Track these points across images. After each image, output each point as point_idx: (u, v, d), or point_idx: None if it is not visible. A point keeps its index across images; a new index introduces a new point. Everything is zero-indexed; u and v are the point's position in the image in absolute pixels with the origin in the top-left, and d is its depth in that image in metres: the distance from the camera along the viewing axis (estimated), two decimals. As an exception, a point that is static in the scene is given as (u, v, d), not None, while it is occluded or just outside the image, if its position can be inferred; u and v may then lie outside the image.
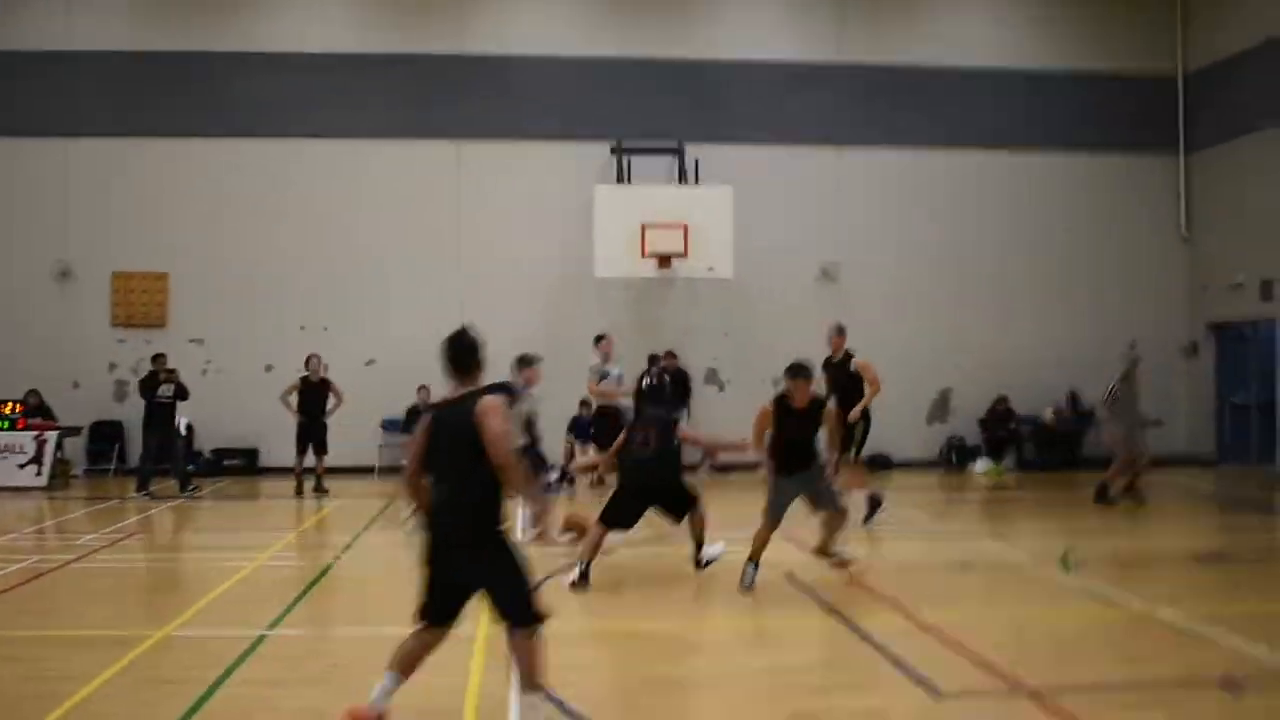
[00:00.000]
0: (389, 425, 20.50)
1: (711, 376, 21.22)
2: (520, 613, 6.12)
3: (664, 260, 19.68)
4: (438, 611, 6.22)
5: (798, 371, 10.14)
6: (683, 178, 21.14)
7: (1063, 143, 22.30)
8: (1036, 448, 21.62)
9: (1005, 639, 8.35)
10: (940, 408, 22.01)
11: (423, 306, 20.62)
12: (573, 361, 20.72)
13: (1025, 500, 18.01)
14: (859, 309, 21.26)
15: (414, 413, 20.03)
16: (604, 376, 17.19)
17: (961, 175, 22.04)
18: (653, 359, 20.08)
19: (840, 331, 14.26)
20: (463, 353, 6.30)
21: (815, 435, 10.33)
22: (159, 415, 17.84)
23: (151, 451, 17.84)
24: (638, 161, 21.16)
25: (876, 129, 21.84)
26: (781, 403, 10.21)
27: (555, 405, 19.62)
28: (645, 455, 10.75)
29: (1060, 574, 10.51)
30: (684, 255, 19.67)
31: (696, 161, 21.09)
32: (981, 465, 21.06)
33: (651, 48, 21.54)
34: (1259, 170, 20.66)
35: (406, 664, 6.24)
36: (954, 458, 21.67)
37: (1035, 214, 22.16)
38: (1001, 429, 21.48)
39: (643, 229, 19.54)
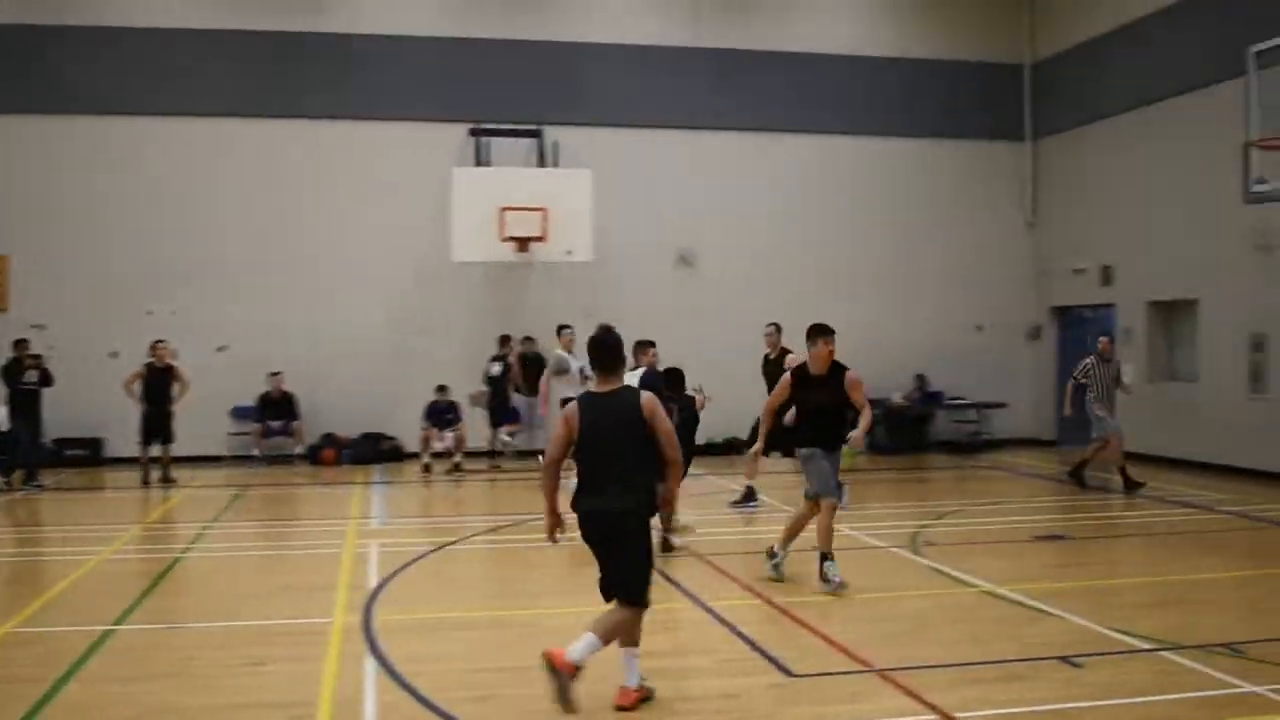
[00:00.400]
0: (239, 412, 20.01)
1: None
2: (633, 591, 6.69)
3: (523, 244, 19.55)
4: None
5: (820, 331, 9.70)
6: (542, 161, 21.05)
7: (914, 129, 22.73)
8: (887, 431, 22.11)
9: (856, 620, 8.55)
10: (787, 390, 22.28)
11: (275, 291, 20.21)
12: (431, 346, 20.64)
13: (878, 483, 18.41)
14: (716, 294, 21.55)
15: (267, 400, 19.65)
16: (564, 369, 17.01)
17: (816, 160, 22.29)
18: (504, 340, 20.05)
19: (777, 330, 14.43)
20: (609, 350, 6.83)
21: (843, 405, 9.82)
22: (24, 403, 17.15)
23: (23, 441, 17.17)
24: (497, 144, 20.97)
25: (734, 113, 21.96)
26: (800, 373, 9.81)
27: (414, 391, 19.56)
28: None
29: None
30: (543, 239, 19.57)
31: (556, 144, 21.02)
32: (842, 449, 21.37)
33: (511, 29, 21.28)
34: (1101, 157, 21.33)
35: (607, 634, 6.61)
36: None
37: (887, 199, 22.52)
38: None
39: (501, 212, 19.41)
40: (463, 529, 13.21)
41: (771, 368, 14.23)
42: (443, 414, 19.00)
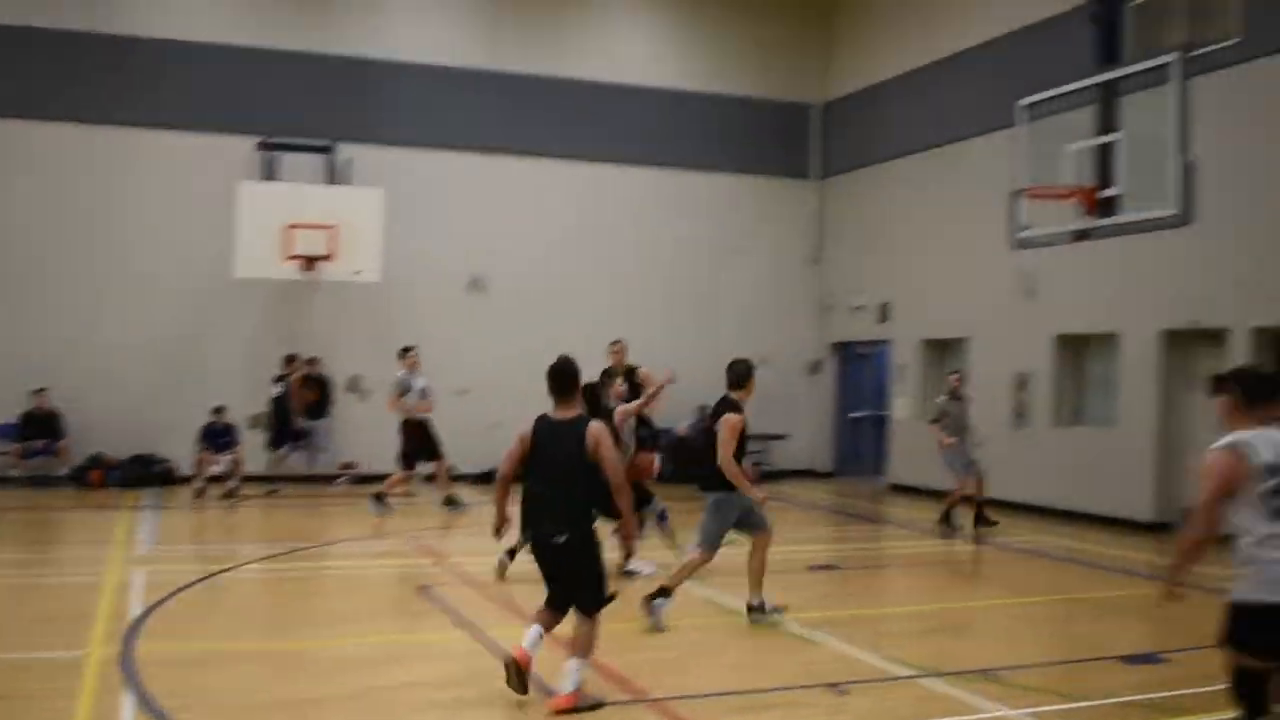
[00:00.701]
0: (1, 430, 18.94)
1: (354, 384, 20.79)
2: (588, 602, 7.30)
3: (309, 262, 19.14)
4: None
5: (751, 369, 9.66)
6: (333, 178, 20.66)
7: (708, 163, 23.17)
8: (672, 460, 22.35)
9: (632, 649, 8.60)
10: (582, 420, 22.36)
11: (43, 303, 19.23)
12: (209, 365, 19.96)
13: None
14: (508, 319, 21.48)
15: (29, 418, 18.63)
16: (406, 390, 16.72)
17: (612, 189, 22.52)
18: (289, 360, 19.56)
19: (618, 345, 14.28)
20: (566, 379, 7.44)
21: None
22: None
23: None
24: (287, 159, 20.47)
25: (532, 139, 21.97)
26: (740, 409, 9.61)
27: (189, 412, 18.85)
28: None
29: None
30: (330, 258, 19.20)
31: (349, 162, 20.63)
32: None
33: (305, 40, 20.81)
34: (883, 198, 22.19)
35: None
36: (595, 468, 22.03)
37: (681, 231, 22.91)
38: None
39: (288, 229, 18.96)
40: (236, 556, 12.80)
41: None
42: (219, 436, 18.34)
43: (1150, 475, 15.48)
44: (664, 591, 9.49)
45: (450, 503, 16.71)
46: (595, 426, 7.26)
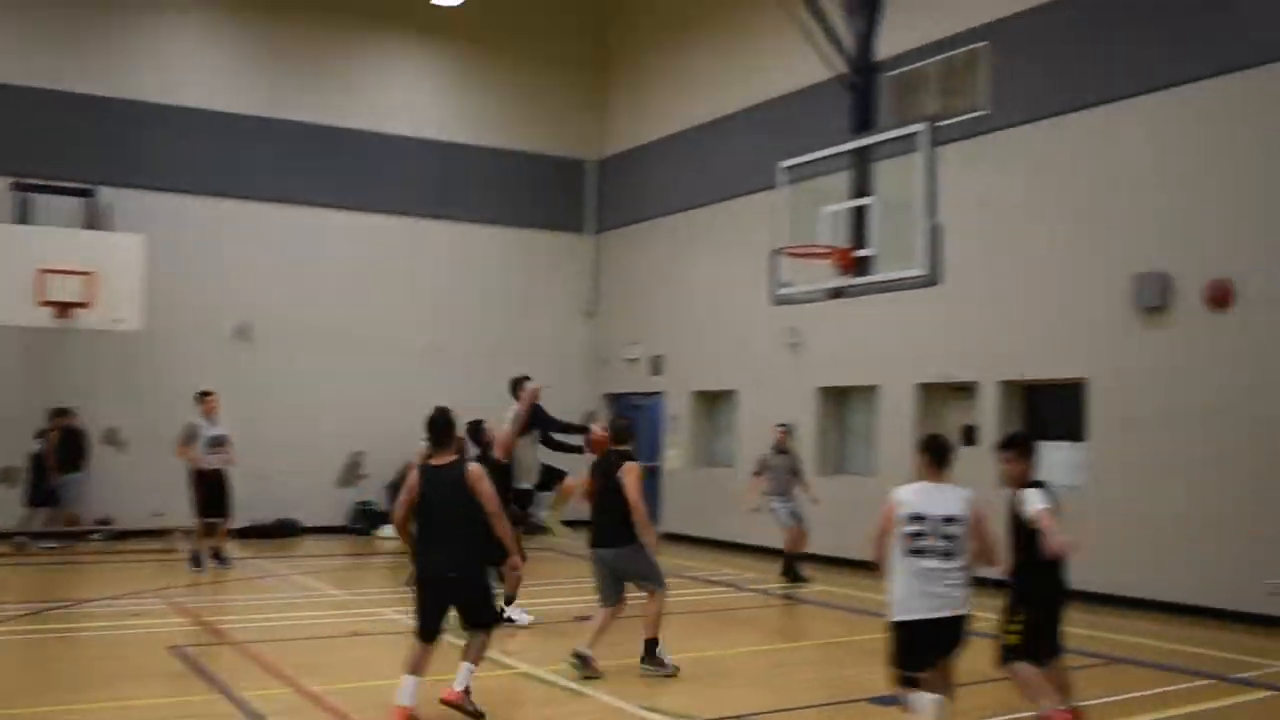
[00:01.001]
0: None
1: (111, 436, 19.92)
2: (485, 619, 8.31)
3: (64, 309, 18.31)
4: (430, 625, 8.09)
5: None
6: (93, 223, 19.82)
7: (487, 215, 23.29)
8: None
9: (387, 706, 8.44)
10: (352, 472, 22.01)
11: None
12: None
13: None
14: (275, 370, 20.99)
15: None
16: (193, 437, 15.88)
17: (391, 239, 22.38)
18: (57, 413, 18.70)
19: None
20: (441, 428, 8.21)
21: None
22: None
23: None
24: (42, 201, 19.59)
25: (305, 187, 21.67)
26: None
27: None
28: None
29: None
30: (88, 305, 18.43)
31: (110, 207, 19.89)
32: (388, 530, 21.25)
33: (66, 80, 20.05)
34: (654, 253, 22.71)
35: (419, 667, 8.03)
36: (364, 523, 21.69)
37: (461, 282, 22.93)
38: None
39: (41, 274, 18.11)
40: (-26, 618, 12.07)
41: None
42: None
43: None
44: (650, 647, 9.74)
45: (198, 563, 15.87)
46: (473, 468, 8.17)
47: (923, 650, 7.16)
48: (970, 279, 15.66)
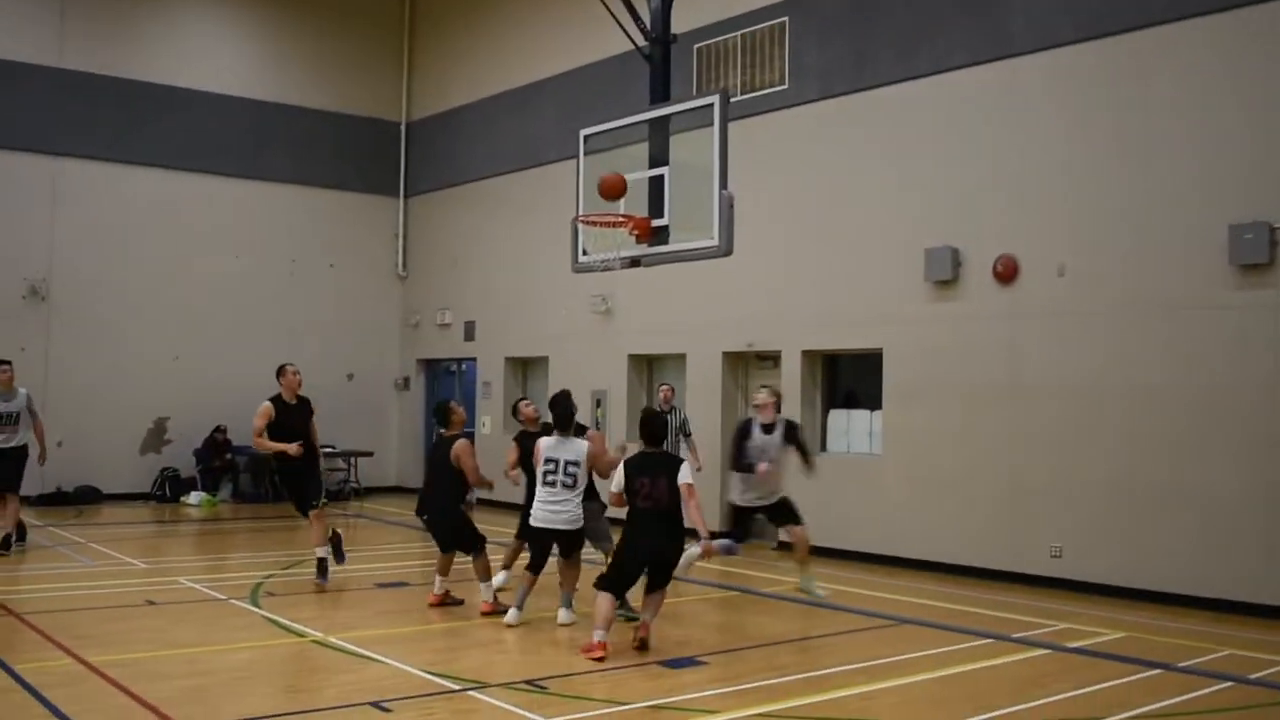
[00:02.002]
0: None
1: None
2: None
3: None
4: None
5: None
6: None
7: (292, 177, 22.84)
8: (254, 478, 21.81)
9: (172, 676, 8.30)
10: (156, 437, 21.41)
11: None
12: None
13: (236, 533, 18.09)
14: (72, 332, 20.26)
15: None
16: None
17: (195, 199, 21.77)
18: None
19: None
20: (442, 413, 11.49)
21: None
22: None
23: None
24: None
25: (102, 142, 20.87)
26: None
27: None
28: None
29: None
30: None
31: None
32: (195, 497, 20.81)
33: None
34: (465, 218, 22.58)
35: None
36: (168, 489, 21.15)
37: (263, 244, 22.44)
38: (217, 459, 21.38)
39: None
40: None
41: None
42: None
43: (715, 487, 16.41)
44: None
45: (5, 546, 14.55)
46: (460, 443, 10.95)
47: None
48: (773, 251, 16.07)
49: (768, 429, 11.84)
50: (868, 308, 15.34)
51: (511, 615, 10.37)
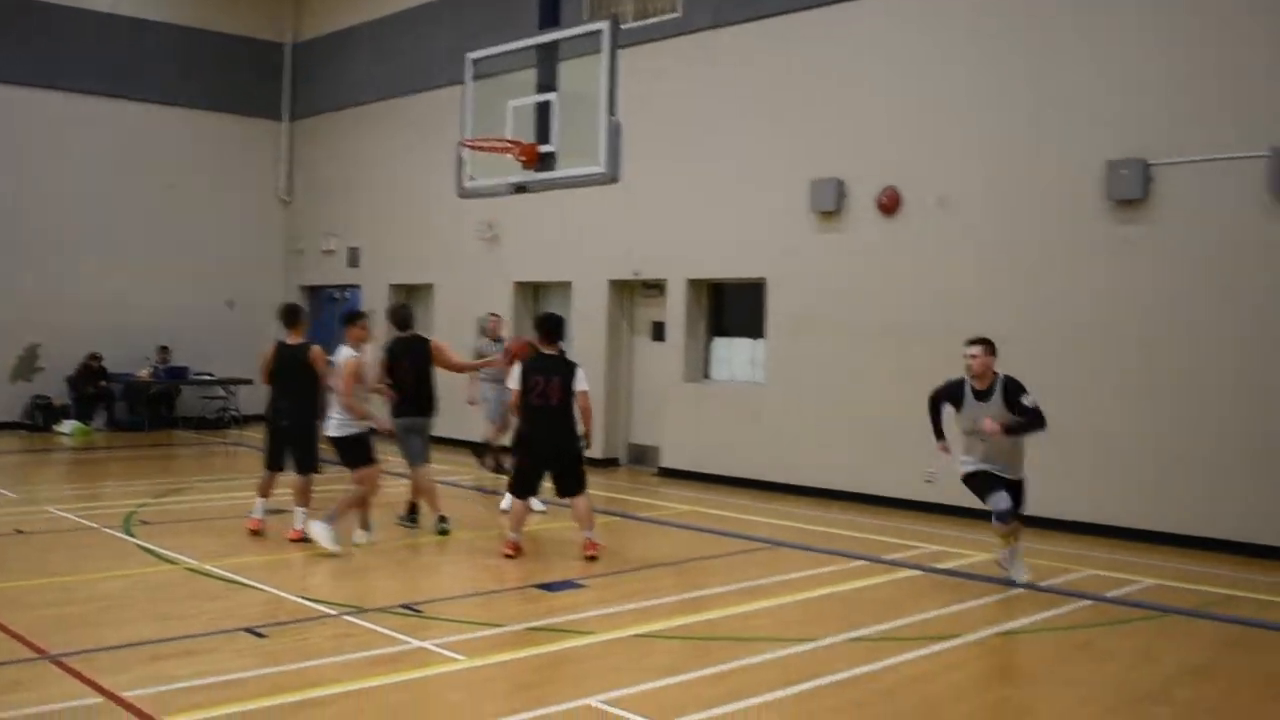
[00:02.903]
0: None
1: None
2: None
3: None
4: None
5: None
6: None
7: (170, 97, 22.17)
8: (130, 407, 21.36)
9: (42, 605, 8.16)
10: (27, 365, 20.82)
11: None
12: None
13: (112, 460, 17.73)
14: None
15: None
16: None
17: (66, 119, 21.00)
18: None
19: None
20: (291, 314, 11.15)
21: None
22: None
23: None
24: None
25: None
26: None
27: None
28: None
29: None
30: None
31: None
32: (68, 426, 20.32)
33: None
34: (352, 144, 22.19)
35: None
36: (40, 418, 20.62)
37: (144, 166, 21.83)
38: (91, 387, 20.87)
39: None
40: None
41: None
42: None
43: (600, 416, 16.45)
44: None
45: None
46: (315, 348, 10.66)
47: None
48: (660, 180, 16.07)
49: (982, 395, 9.30)
50: (754, 238, 15.44)
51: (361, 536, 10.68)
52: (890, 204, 13.97)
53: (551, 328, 10.31)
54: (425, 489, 11.37)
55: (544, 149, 10.95)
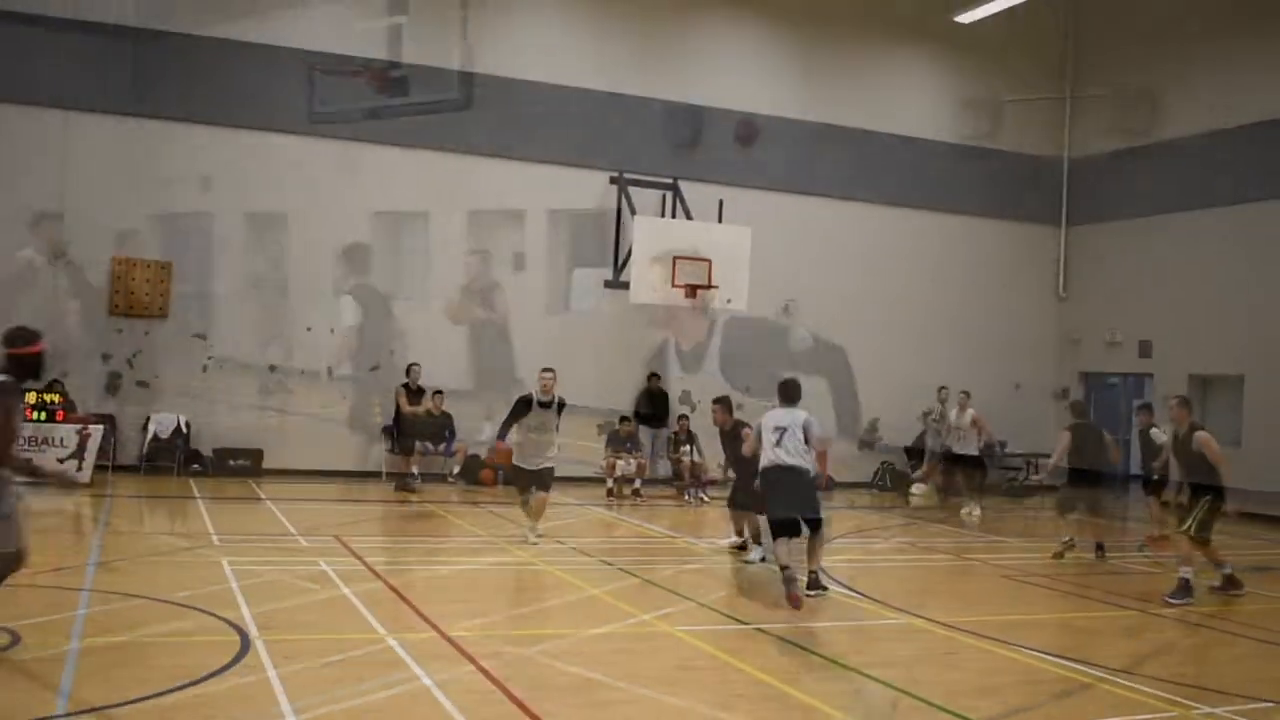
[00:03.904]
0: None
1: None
2: None
3: (691, 291, 20.60)
4: None
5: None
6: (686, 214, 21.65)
7: (964, 208, 25.04)
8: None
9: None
10: (870, 433, 24.58)
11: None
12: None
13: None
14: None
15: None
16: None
17: (889, 231, 24.49)
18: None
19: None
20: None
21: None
22: None
23: None
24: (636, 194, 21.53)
25: (823, 182, 23.75)
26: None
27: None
28: None
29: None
30: (712, 287, 20.63)
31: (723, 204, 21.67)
32: (918, 489, 22.52)
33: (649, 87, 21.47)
34: (1128, 249, 23.37)
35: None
36: (887, 480, 23.73)
37: (939, 268, 24.94)
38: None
39: (673, 261, 20.43)
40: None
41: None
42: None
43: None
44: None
45: None
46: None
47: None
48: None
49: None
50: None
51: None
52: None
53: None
54: None
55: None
